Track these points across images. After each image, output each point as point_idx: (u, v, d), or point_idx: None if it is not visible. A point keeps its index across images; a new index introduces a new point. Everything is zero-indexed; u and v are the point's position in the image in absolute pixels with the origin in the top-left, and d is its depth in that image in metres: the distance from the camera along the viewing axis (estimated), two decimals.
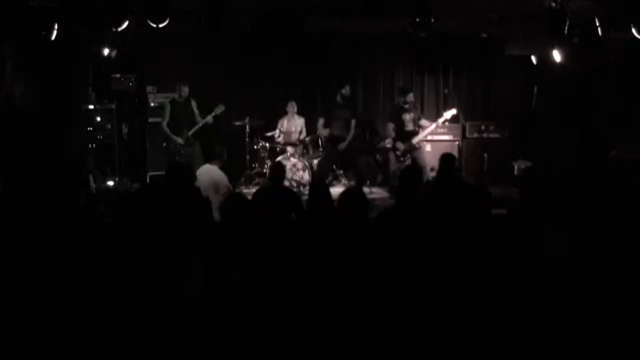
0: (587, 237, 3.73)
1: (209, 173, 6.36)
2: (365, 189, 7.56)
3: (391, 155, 8.55)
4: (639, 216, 3.93)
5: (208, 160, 6.71)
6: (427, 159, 8.48)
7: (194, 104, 8.40)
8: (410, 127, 8.49)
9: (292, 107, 9.09)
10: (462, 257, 3.58)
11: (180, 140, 8.26)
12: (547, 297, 3.28)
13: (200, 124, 8.30)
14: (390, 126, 8.58)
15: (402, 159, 8.50)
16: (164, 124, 8.35)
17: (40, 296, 3.33)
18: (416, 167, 6.74)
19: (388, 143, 8.59)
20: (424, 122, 8.60)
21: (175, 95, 8.39)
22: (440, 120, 8.56)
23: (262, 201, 5.36)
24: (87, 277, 3.56)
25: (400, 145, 8.41)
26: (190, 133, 8.26)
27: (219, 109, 8.38)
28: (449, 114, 8.55)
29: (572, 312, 3.17)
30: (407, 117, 8.49)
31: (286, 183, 7.23)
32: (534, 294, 3.29)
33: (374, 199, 7.82)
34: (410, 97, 8.56)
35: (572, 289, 3.35)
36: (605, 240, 3.68)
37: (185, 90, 8.33)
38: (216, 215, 5.03)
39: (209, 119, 8.32)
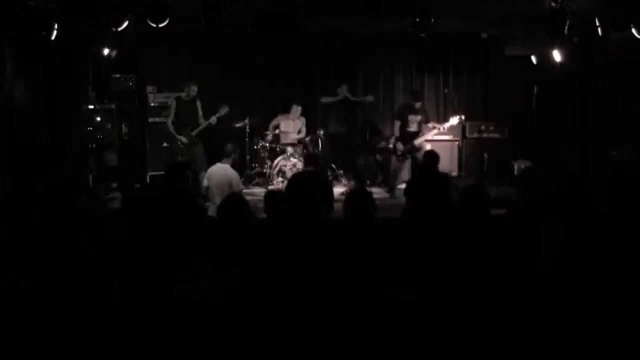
0: (586, 236, 3.74)
1: (223, 172, 6.42)
2: None
3: (392, 155, 8.57)
4: (638, 215, 3.93)
5: (219, 159, 6.76)
6: None
7: (198, 104, 8.37)
8: (413, 128, 8.50)
9: (295, 110, 9.08)
10: (462, 257, 3.59)
11: (184, 140, 8.22)
12: (546, 296, 3.28)
13: (204, 125, 8.26)
14: (397, 124, 8.59)
15: (401, 158, 8.51)
16: (169, 122, 8.31)
17: (40, 296, 3.33)
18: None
19: (391, 142, 8.61)
20: (431, 124, 8.60)
21: (183, 94, 8.33)
22: (446, 125, 8.57)
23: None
24: (87, 277, 3.56)
25: (400, 146, 8.42)
26: (194, 133, 8.21)
27: (223, 110, 8.35)
28: (455, 120, 8.53)
29: (571, 311, 3.17)
30: (413, 118, 8.50)
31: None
32: (533, 293, 3.29)
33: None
34: (418, 104, 8.58)
35: (570, 288, 3.35)
36: (604, 239, 3.68)
37: (194, 90, 8.27)
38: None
39: (213, 120, 8.29)
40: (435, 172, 6.09)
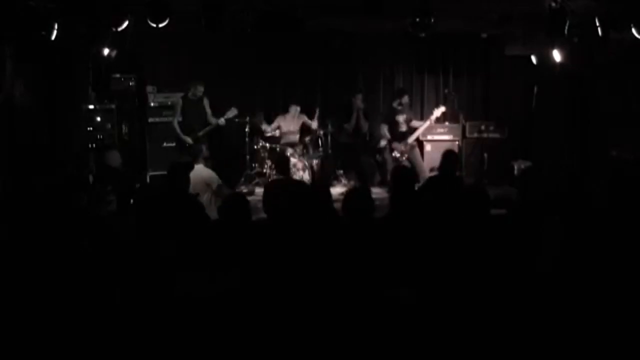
0: (586, 236, 3.73)
1: (196, 174, 6.37)
2: None
3: (388, 156, 8.59)
4: (638, 215, 3.92)
5: (219, 159, 6.76)
6: (423, 159, 8.57)
7: (206, 102, 8.34)
8: (403, 128, 8.56)
9: (293, 109, 9.08)
10: (462, 257, 3.59)
11: (189, 141, 8.19)
12: (546, 296, 3.28)
13: (211, 126, 8.24)
14: (385, 127, 8.63)
15: (400, 159, 8.53)
16: (175, 122, 8.30)
17: (41, 298, 3.33)
18: (407, 169, 6.80)
19: (382, 144, 8.64)
20: (414, 122, 8.67)
21: (189, 94, 8.32)
22: (432, 118, 8.62)
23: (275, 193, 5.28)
24: (87, 277, 3.56)
25: (398, 146, 8.45)
26: (200, 134, 8.19)
27: (232, 113, 8.34)
28: (439, 111, 8.61)
29: (571, 311, 3.17)
30: (401, 118, 8.57)
31: None
32: (532, 293, 3.29)
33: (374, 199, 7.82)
34: (406, 99, 8.62)
35: (570, 288, 3.35)
36: (604, 239, 3.68)
37: (200, 90, 8.26)
38: (211, 212, 5.05)
39: (221, 121, 8.27)
40: (452, 174, 6.04)
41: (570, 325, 3.10)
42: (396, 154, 8.47)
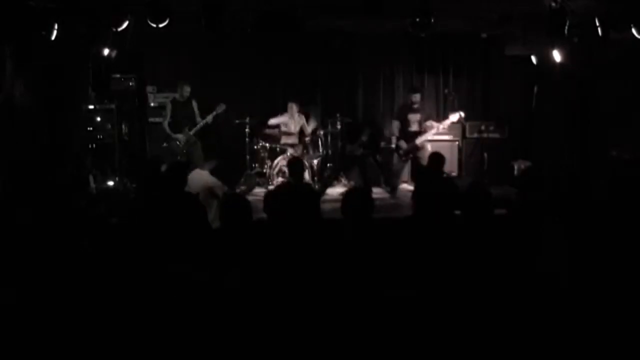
0: (587, 236, 3.74)
1: (200, 178, 6.34)
2: None
3: (394, 155, 8.57)
4: (637, 214, 3.93)
5: (218, 157, 6.76)
6: None
7: (194, 104, 8.46)
8: (414, 127, 8.49)
9: (291, 108, 9.08)
10: (462, 256, 3.59)
11: (181, 140, 8.30)
12: (546, 296, 3.28)
13: (201, 124, 8.35)
14: (396, 124, 8.59)
15: (403, 158, 8.51)
16: (165, 123, 8.45)
17: (41, 298, 3.33)
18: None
19: (393, 142, 8.60)
20: (430, 123, 8.59)
21: (177, 95, 8.44)
22: (446, 122, 8.57)
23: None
24: (87, 277, 3.56)
25: (403, 144, 8.41)
26: (191, 133, 8.30)
27: (220, 109, 8.42)
28: (455, 116, 8.54)
29: (571, 311, 3.17)
30: (413, 117, 8.50)
31: None
32: (533, 294, 3.29)
33: (374, 199, 7.81)
34: (417, 97, 8.54)
35: (570, 288, 3.35)
36: (604, 239, 3.69)
37: (187, 90, 8.38)
38: (214, 219, 5.04)
39: (209, 118, 8.35)
40: (440, 174, 6.07)
41: (570, 325, 3.10)
42: (401, 152, 8.45)
